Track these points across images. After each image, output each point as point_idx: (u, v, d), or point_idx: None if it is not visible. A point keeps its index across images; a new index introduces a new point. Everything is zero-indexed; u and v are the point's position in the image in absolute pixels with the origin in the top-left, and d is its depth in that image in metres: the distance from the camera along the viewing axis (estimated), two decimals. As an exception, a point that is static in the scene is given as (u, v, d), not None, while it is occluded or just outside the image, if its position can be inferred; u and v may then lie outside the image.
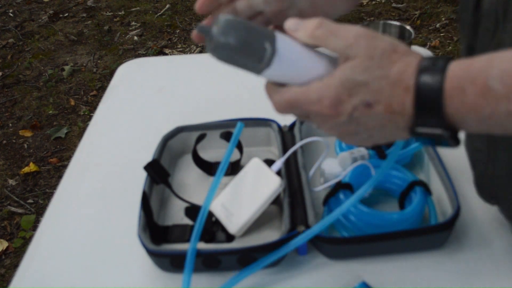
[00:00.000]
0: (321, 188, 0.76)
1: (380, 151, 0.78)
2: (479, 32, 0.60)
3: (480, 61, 0.40)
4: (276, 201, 0.74)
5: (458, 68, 0.41)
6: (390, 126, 0.44)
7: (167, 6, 3.48)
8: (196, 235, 0.64)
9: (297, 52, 0.46)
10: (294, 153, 0.79)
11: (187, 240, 0.72)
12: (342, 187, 0.71)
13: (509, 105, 0.38)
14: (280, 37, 0.45)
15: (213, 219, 0.73)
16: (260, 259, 0.64)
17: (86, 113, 2.54)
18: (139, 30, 3.24)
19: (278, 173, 0.73)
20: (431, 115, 0.41)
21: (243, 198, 0.72)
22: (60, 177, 0.97)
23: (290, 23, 0.47)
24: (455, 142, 0.43)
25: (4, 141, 2.40)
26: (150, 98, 1.08)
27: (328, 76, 0.45)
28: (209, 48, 0.45)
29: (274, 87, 0.48)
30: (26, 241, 1.86)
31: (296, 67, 0.46)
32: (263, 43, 0.44)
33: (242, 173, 0.74)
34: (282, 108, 0.47)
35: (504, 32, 0.55)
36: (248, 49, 0.44)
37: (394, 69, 0.42)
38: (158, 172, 0.77)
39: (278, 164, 0.74)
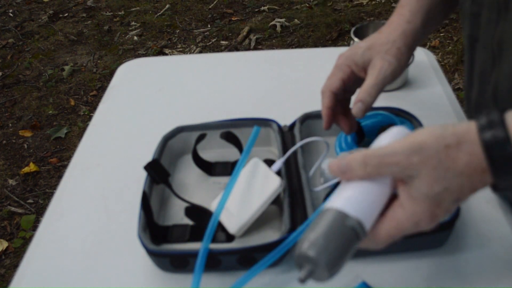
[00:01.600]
0: (321, 188, 0.76)
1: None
2: (481, 22, 0.60)
3: None
4: (276, 201, 0.74)
5: None
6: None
7: (167, 6, 3.49)
8: (209, 237, 0.63)
9: (367, 201, 0.46)
10: (294, 153, 0.79)
11: (187, 240, 0.72)
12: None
13: None
14: (345, 205, 0.45)
15: (213, 219, 0.73)
16: (266, 256, 0.64)
17: (86, 113, 2.54)
18: (139, 30, 3.24)
19: (278, 173, 0.73)
20: (511, 179, 0.43)
21: (243, 198, 0.72)
22: (60, 177, 0.97)
23: (333, 170, 0.47)
24: None
25: (4, 141, 2.40)
26: (150, 98, 1.08)
27: (407, 202, 0.45)
28: (320, 280, 0.44)
29: (365, 241, 0.48)
30: (26, 241, 1.86)
31: (376, 209, 0.46)
32: (347, 227, 0.44)
33: (242, 173, 0.74)
34: (385, 245, 0.48)
35: (507, 21, 0.55)
36: (346, 244, 0.44)
37: (460, 164, 0.43)
38: (158, 172, 0.77)
39: (278, 164, 0.74)
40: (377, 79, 0.66)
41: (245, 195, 0.72)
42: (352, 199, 0.45)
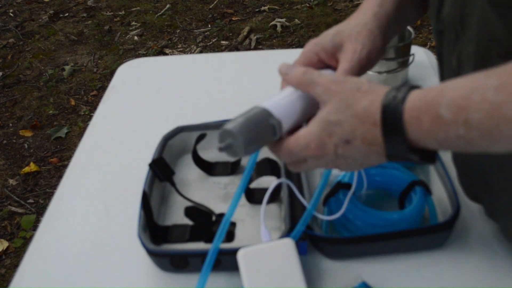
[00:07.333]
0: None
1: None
2: (444, 40, 0.60)
3: (434, 91, 0.44)
4: (276, 200, 0.73)
5: (416, 99, 0.45)
6: (373, 155, 0.49)
7: (167, 6, 3.48)
8: (219, 237, 0.61)
9: (290, 108, 0.53)
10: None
11: (187, 240, 0.72)
12: (342, 187, 0.71)
13: (458, 130, 0.42)
14: (271, 105, 0.52)
15: (213, 219, 0.73)
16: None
17: (86, 113, 2.54)
18: (139, 30, 3.24)
19: (278, 174, 0.73)
20: (397, 142, 0.46)
21: None
22: (60, 177, 0.98)
23: (282, 68, 0.56)
24: (430, 161, 0.47)
25: (5, 141, 2.40)
26: (150, 98, 1.08)
27: (311, 122, 0.51)
28: (234, 155, 0.52)
29: (274, 144, 0.54)
30: (26, 241, 1.86)
31: (293, 119, 0.53)
32: (268, 122, 0.51)
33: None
34: (285, 158, 0.53)
35: (462, 43, 0.56)
36: (263, 135, 0.51)
37: (359, 106, 0.47)
38: (163, 170, 0.77)
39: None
40: (351, 62, 0.61)
41: None
42: (279, 104, 0.53)
